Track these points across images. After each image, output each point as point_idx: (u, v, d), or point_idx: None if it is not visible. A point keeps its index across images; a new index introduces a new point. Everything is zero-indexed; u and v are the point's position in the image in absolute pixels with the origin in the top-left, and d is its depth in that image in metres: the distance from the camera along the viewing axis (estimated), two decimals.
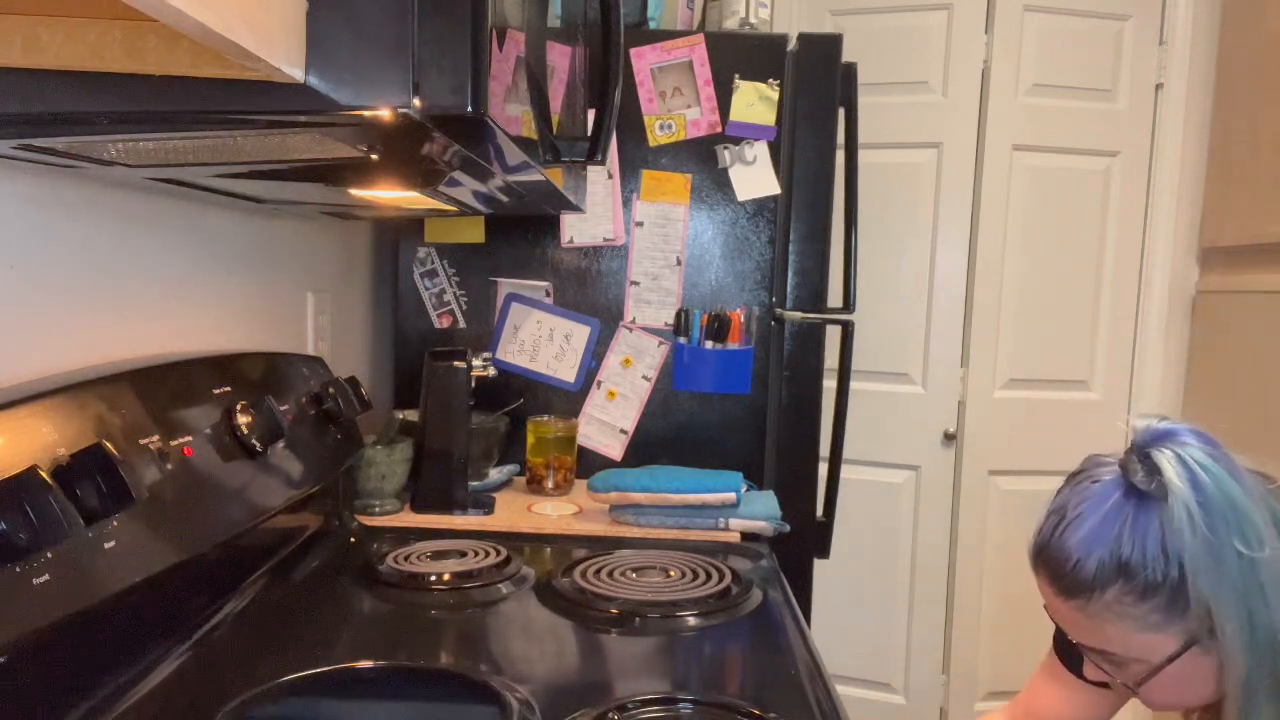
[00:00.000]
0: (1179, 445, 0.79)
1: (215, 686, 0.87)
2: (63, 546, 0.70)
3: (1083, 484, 0.86)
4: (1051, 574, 0.86)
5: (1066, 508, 0.85)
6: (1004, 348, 2.39)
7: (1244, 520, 0.77)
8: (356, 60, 0.60)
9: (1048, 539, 0.86)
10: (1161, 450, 0.80)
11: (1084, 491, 0.85)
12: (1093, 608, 0.83)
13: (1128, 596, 0.80)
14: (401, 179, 0.97)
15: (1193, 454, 0.79)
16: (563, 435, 1.66)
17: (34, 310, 0.89)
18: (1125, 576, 0.80)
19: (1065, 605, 0.86)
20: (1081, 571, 0.82)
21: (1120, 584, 0.80)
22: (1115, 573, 0.80)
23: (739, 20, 1.82)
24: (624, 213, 1.74)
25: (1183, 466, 0.78)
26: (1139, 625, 0.81)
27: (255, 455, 1.04)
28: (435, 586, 1.18)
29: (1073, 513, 0.84)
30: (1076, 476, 0.88)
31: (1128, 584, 0.80)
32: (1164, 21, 2.30)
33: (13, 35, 0.57)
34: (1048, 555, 0.86)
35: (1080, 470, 0.89)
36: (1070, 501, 0.85)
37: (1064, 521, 0.84)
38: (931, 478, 2.44)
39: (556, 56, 0.98)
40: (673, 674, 0.95)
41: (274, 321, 1.43)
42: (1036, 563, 0.88)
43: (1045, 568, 0.87)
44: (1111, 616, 0.82)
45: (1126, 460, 0.83)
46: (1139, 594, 0.80)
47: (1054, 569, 0.85)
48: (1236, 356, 2.15)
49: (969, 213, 2.37)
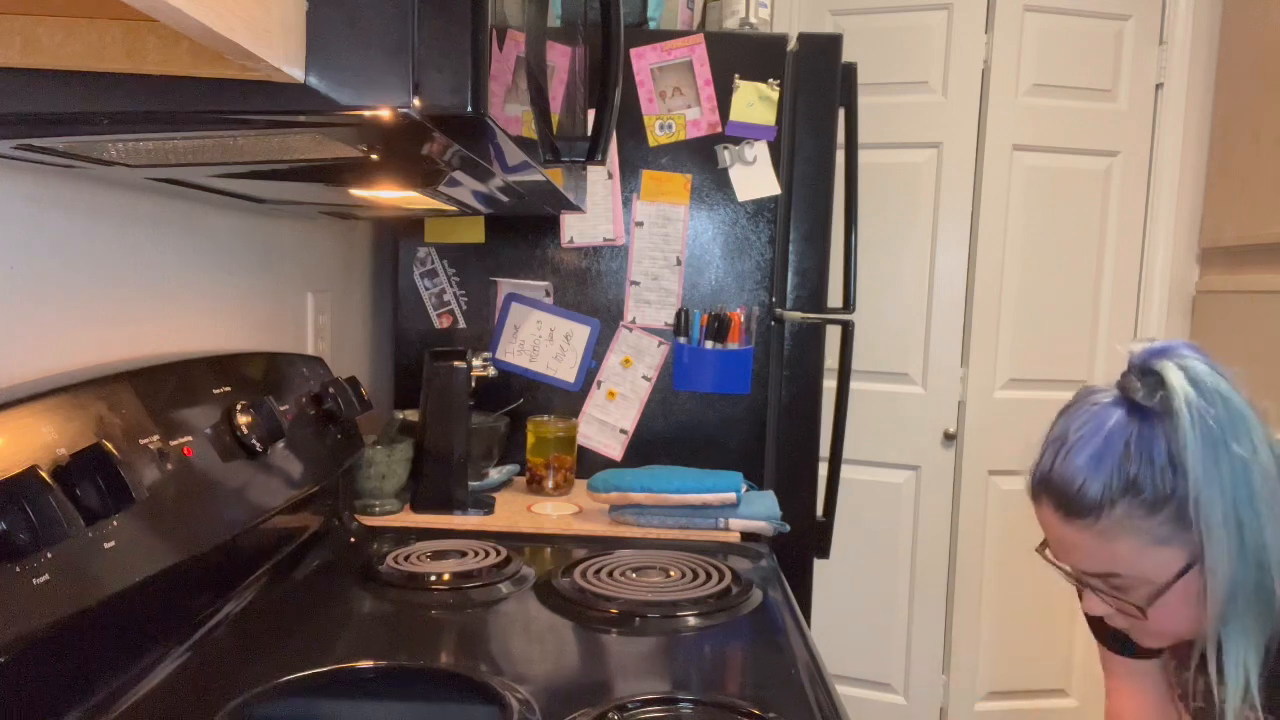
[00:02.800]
0: (1178, 357, 0.81)
1: (215, 686, 0.87)
2: (63, 546, 0.70)
3: (1082, 408, 0.86)
4: (1058, 498, 0.85)
5: (1067, 433, 0.85)
6: (1004, 348, 2.39)
7: (1241, 422, 0.79)
8: (356, 60, 0.60)
9: (1050, 465, 0.86)
10: (1163, 361, 0.81)
11: (1083, 415, 0.85)
12: (1102, 524, 0.83)
13: (1138, 510, 0.81)
14: (401, 179, 0.97)
15: (1192, 363, 0.81)
16: (563, 435, 1.66)
17: (34, 310, 0.89)
18: (1134, 490, 0.81)
19: (1072, 528, 0.85)
20: (1089, 490, 0.82)
21: (1129, 498, 0.81)
22: (1124, 488, 0.81)
23: (739, 20, 1.82)
24: (624, 213, 1.74)
25: (1184, 372, 0.80)
26: (1150, 539, 0.82)
27: (255, 455, 1.04)
28: (435, 586, 1.18)
29: (1074, 436, 0.84)
30: (1072, 406, 0.88)
31: (1136, 497, 0.81)
32: (1164, 21, 2.29)
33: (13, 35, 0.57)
34: (1051, 481, 0.85)
35: (1074, 401, 0.89)
36: (1071, 427, 0.85)
37: (1066, 446, 0.84)
38: (931, 478, 2.44)
39: (556, 56, 0.98)
40: (673, 674, 0.95)
41: (274, 321, 1.43)
42: (1039, 491, 0.88)
43: (1049, 494, 0.86)
44: (1122, 532, 0.82)
45: (1125, 380, 0.84)
46: (1149, 507, 0.81)
47: (1060, 493, 0.85)
48: (1236, 356, 2.15)
49: (969, 213, 2.37)
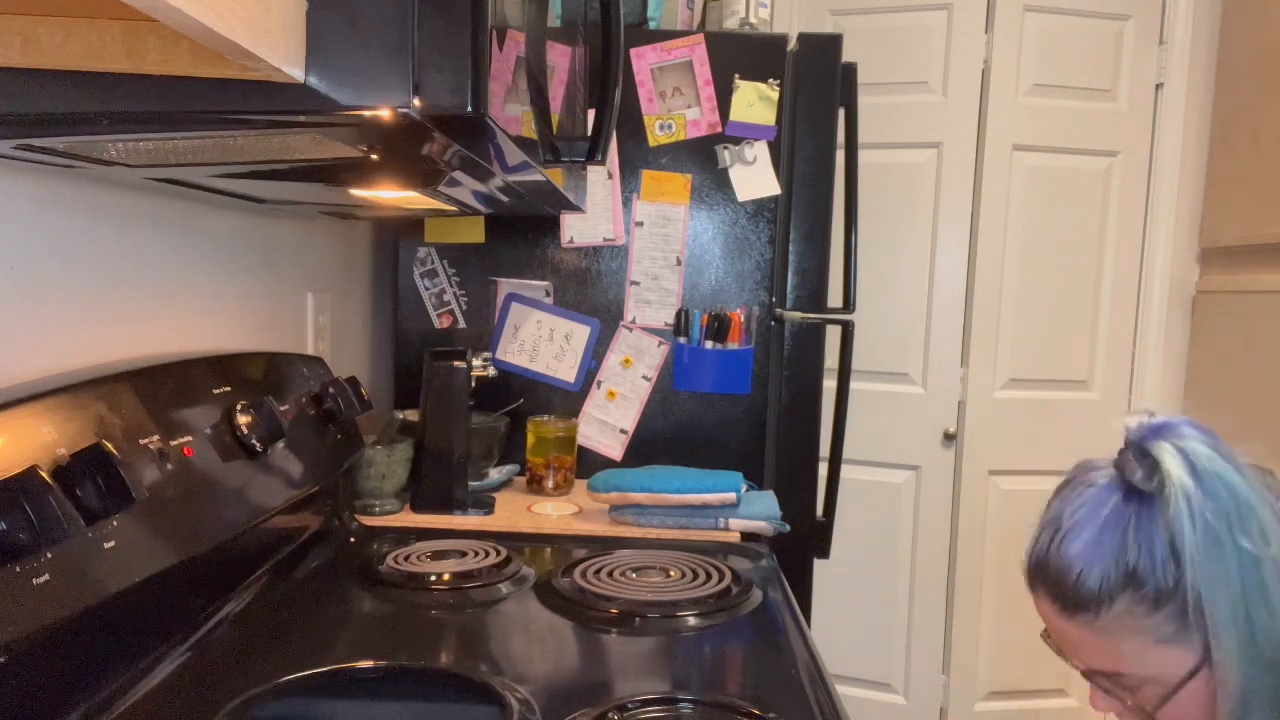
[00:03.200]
0: (1177, 438, 0.75)
1: (215, 686, 0.87)
2: (63, 546, 0.70)
3: (1076, 490, 0.80)
4: (1053, 591, 0.79)
5: (1062, 517, 0.79)
6: (1004, 348, 2.39)
7: (1248, 513, 0.72)
8: (356, 60, 0.60)
9: (1045, 553, 0.80)
10: (1160, 443, 0.75)
11: (1079, 498, 0.79)
12: (1102, 622, 0.77)
13: (1139, 607, 0.75)
14: (401, 179, 0.97)
15: (1192, 446, 0.74)
16: (563, 435, 1.66)
17: (34, 310, 0.89)
18: (1134, 584, 0.74)
19: (1071, 624, 0.79)
20: (1086, 583, 0.76)
21: (1130, 593, 0.75)
22: (1123, 581, 0.75)
23: (739, 20, 1.82)
24: (624, 213, 1.74)
25: (1182, 457, 0.73)
26: (1154, 637, 0.75)
27: (255, 455, 1.04)
28: (435, 586, 1.18)
29: (1069, 521, 0.78)
30: (1068, 485, 0.82)
31: (1137, 592, 0.74)
32: (1164, 21, 2.29)
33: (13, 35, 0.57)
34: (1047, 570, 0.80)
35: (1070, 478, 0.83)
36: (1065, 510, 0.79)
37: (1060, 532, 0.78)
38: (931, 478, 2.44)
39: (556, 56, 0.98)
40: (673, 674, 0.95)
41: (274, 321, 1.43)
42: (1034, 580, 0.82)
43: (1045, 585, 0.80)
44: (1123, 631, 0.76)
45: (1122, 460, 0.78)
46: (1151, 603, 0.74)
47: (1055, 584, 0.79)
48: (1236, 356, 2.15)
49: (969, 213, 2.37)
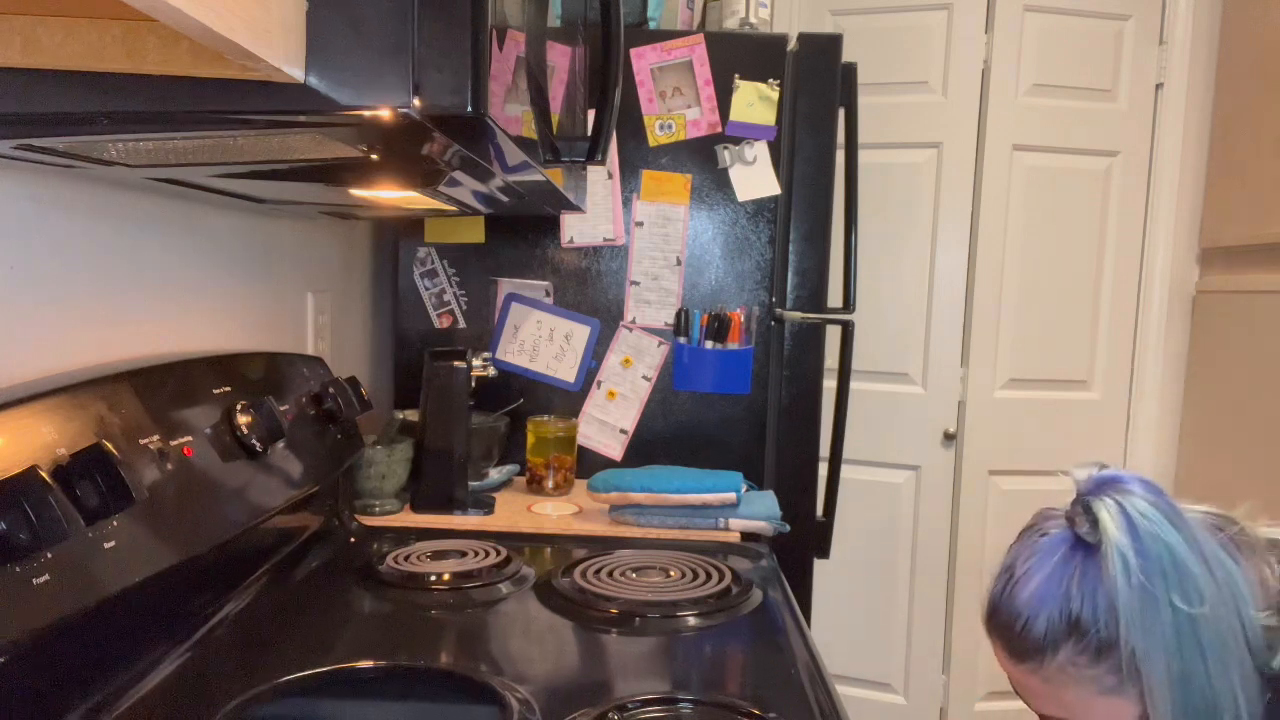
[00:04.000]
0: (1121, 493, 0.77)
1: (215, 686, 0.87)
2: (63, 546, 0.70)
3: (1031, 539, 0.82)
4: (1003, 637, 0.82)
5: (1015, 565, 0.82)
6: (1004, 348, 2.39)
7: (1183, 573, 0.74)
8: (356, 60, 0.60)
9: (998, 599, 0.82)
10: (1102, 499, 0.77)
11: (1032, 546, 0.81)
12: (1046, 671, 0.79)
13: (1081, 657, 0.77)
14: (401, 179, 0.97)
15: (1134, 502, 0.76)
16: (563, 435, 1.66)
17: (34, 310, 0.89)
18: (1077, 634, 0.77)
19: (1019, 670, 0.82)
20: (1032, 631, 0.78)
21: (1072, 643, 0.77)
22: (1066, 631, 0.77)
23: (739, 20, 1.82)
24: (624, 213, 1.74)
25: (1121, 513, 0.75)
26: (1097, 688, 0.77)
27: (255, 455, 1.04)
28: (435, 586, 1.18)
29: (1020, 569, 0.81)
30: (1026, 531, 0.85)
31: (1080, 643, 0.77)
32: (1164, 21, 2.29)
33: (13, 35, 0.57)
34: (998, 617, 0.82)
35: (1030, 525, 0.85)
36: (1019, 558, 0.82)
37: (1012, 580, 0.81)
38: (931, 478, 2.44)
39: (556, 56, 0.98)
40: (673, 674, 0.95)
41: (274, 321, 1.43)
42: (989, 626, 0.85)
43: (997, 631, 0.83)
44: (1067, 680, 0.78)
45: (1072, 512, 0.80)
46: (1093, 654, 0.76)
47: (1005, 631, 0.81)
48: (1236, 356, 2.15)
49: (969, 213, 2.37)
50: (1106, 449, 2.38)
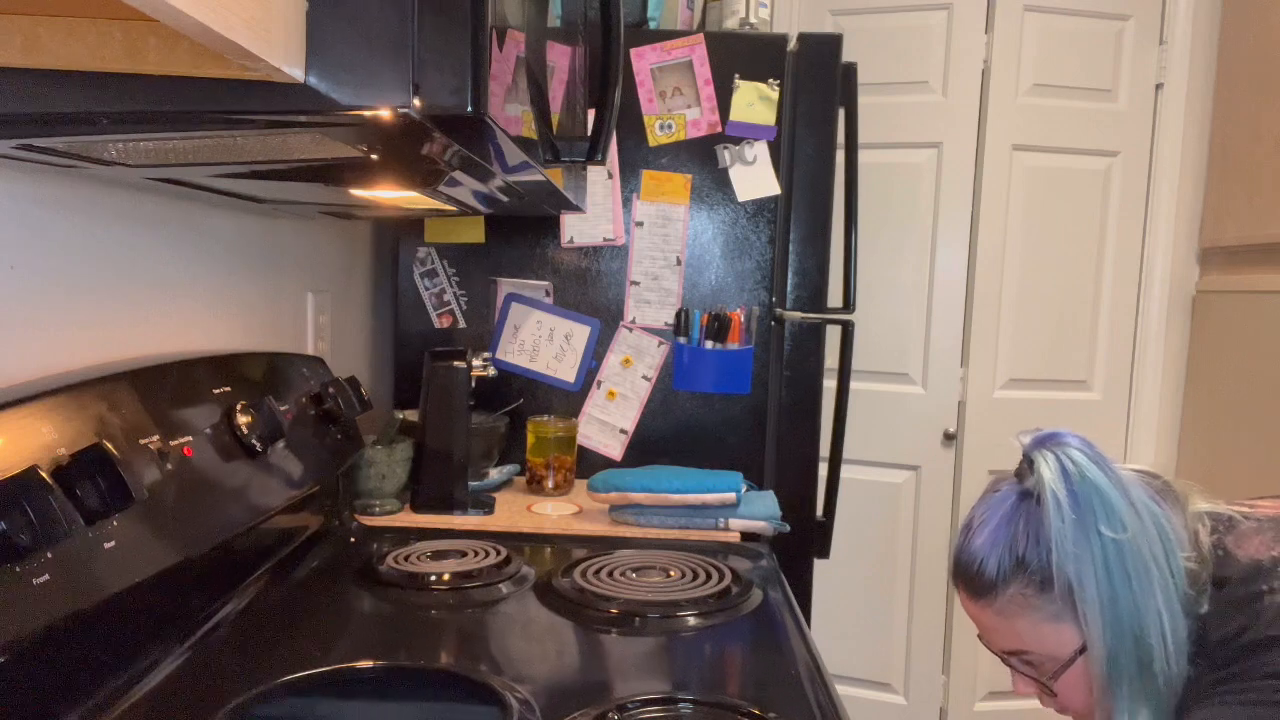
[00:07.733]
0: (1059, 445, 0.87)
1: (215, 686, 0.87)
2: (63, 546, 0.70)
3: (986, 497, 0.94)
4: (963, 579, 0.92)
5: (973, 519, 0.93)
6: (1004, 348, 2.39)
7: (1108, 507, 0.84)
8: (356, 60, 0.60)
9: (958, 549, 0.93)
10: (1041, 450, 0.88)
11: (987, 501, 0.93)
12: (999, 604, 0.89)
13: (1028, 589, 0.87)
14: (401, 179, 0.97)
15: (1069, 453, 0.86)
16: (563, 435, 1.66)
17: (34, 310, 0.89)
18: (1023, 570, 0.87)
19: (977, 608, 0.92)
20: (985, 571, 0.89)
21: (1021, 577, 0.87)
22: (1015, 568, 0.87)
23: (739, 20, 1.82)
24: (624, 213, 1.74)
25: (1055, 459, 0.86)
26: (1044, 616, 0.87)
27: (255, 455, 1.04)
28: (435, 586, 1.18)
29: (977, 521, 0.92)
30: (984, 493, 0.95)
31: (1026, 577, 0.87)
32: (1164, 21, 2.29)
33: (13, 35, 0.57)
34: (958, 563, 0.93)
35: (987, 488, 0.96)
36: (976, 512, 0.93)
37: (970, 531, 0.92)
38: (931, 478, 2.44)
39: (556, 56, 0.98)
40: (673, 674, 0.95)
41: (274, 321, 1.43)
42: (953, 575, 0.95)
43: (958, 576, 0.93)
44: (1017, 610, 0.88)
45: (1020, 467, 0.91)
46: (1038, 585, 0.86)
47: (964, 574, 0.92)
48: (1236, 356, 2.15)
49: (969, 213, 2.37)
50: (1107, 448, 2.36)
